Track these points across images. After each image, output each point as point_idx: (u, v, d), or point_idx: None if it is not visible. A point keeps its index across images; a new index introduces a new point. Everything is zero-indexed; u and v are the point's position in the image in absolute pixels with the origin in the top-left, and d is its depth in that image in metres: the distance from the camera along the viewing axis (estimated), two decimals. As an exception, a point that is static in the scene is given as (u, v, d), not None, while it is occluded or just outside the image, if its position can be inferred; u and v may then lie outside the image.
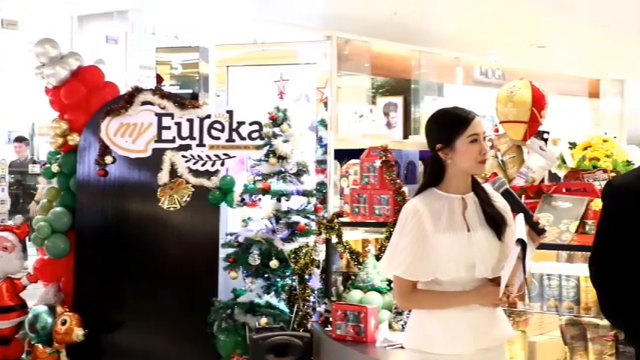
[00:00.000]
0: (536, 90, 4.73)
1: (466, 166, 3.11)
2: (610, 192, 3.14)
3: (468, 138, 3.08)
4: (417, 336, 3.17)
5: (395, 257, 3.14)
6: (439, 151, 3.13)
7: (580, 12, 9.69)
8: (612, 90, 16.26)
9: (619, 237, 3.03)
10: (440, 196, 3.15)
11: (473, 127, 3.09)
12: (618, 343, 4.09)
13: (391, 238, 3.22)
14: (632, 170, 3.14)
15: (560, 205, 4.33)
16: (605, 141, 4.86)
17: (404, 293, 3.16)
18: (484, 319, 3.11)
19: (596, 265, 3.11)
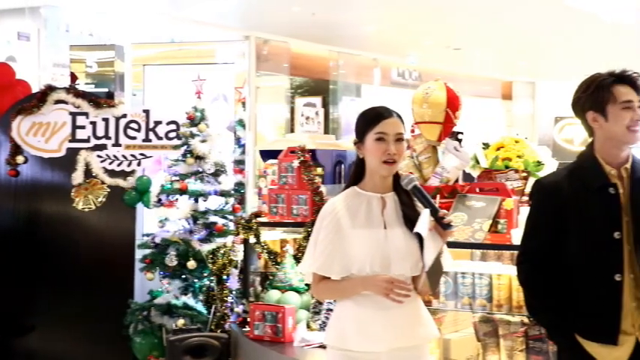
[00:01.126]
0: (450, 91, 4.81)
1: (372, 164, 3.13)
2: (538, 190, 3.22)
3: (375, 135, 3.10)
4: (336, 333, 3.19)
5: (313, 254, 3.16)
6: (355, 145, 3.17)
7: (493, 15, 9.90)
8: (524, 92, 16.67)
9: (546, 234, 3.12)
10: (359, 194, 3.18)
11: (381, 126, 3.11)
12: (528, 339, 4.20)
13: (311, 236, 3.24)
14: (560, 169, 3.23)
15: (473, 205, 4.40)
16: (517, 142, 4.96)
17: (313, 283, 3.23)
18: (404, 319, 3.13)
19: (523, 262, 3.20)
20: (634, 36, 11.35)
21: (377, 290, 3.05)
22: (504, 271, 4.32)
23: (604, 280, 3.03)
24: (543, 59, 13.63)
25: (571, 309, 3.08)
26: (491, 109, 16.15)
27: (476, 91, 15.14)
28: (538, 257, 3.15)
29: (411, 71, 14.29)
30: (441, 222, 3.11)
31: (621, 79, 3.08)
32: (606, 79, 3.08)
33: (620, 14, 9.73)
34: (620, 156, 3.10)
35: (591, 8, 9.34)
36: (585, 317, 3.05)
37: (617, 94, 3.06)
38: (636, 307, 3.04)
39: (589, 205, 3.05)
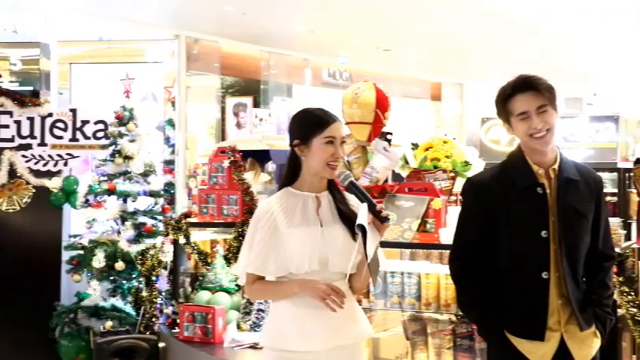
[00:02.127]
0: (380, 92, 4.84)
1: (316, 166, 3.15)
2: (468, 189, 3.27)
3: (324, 139, 3.13)
4: (273, 334, 3.19)
5: (248, 255, 3.15)
6: (296, 147, 3.17)
7: (422, 17, 10.02)
8: (453, 93, 16.91)
9: (476, 232, 3.18)
10: (294, 194, 3.18)
11: (331, 130, 3.14)
12: (456, 337, 4.26)
13: (245, 237, 3.23)
14: (491, 168, 3.27)
15: (402, 205, 4.44)
16: (446, 142, 5.02)
17: (247, 283, 3.22)
18: (341, 317, 3.14)
19: (455, 259, 3.25)
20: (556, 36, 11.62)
21: (314, 294, 3.06)
22: (433, 270, 4.37)
23: (531, 277, 3.10)
24: (471, 61, 13.84)
25: (500, 305, 3.14)
26: (421, 109, 16.35)
27: (405, 91, 15.30)
28: (468, 254, 3.21)
29: (342, 72, 14.36)
30: (379, 215, 3.14)
31: (522, 88, 3.14)
32: (506, 91, 3.17)
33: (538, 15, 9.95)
34: (546, 157, 3.17)
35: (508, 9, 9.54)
36: (513, 314, 3.12)
37: (512, 108, 3.14)
38: (562, 305, 3.11)
39: (517, 204, 3.11)
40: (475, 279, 3.18)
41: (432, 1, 9.22)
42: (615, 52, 12.82)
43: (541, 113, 3.10)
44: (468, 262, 3.20)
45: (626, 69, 14.60)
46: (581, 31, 11.05)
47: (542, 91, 3.11)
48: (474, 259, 3.19)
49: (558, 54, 12.47)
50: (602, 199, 3.25)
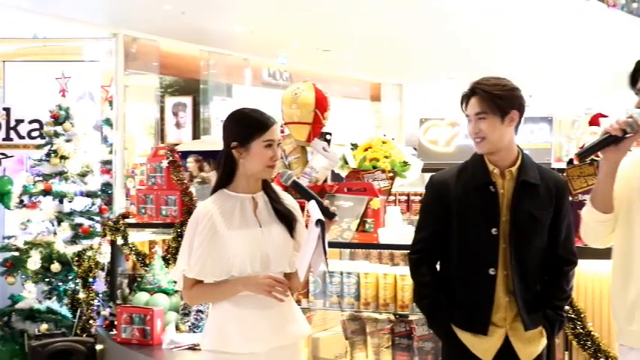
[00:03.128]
0: (319, 92, 4.84)
1: (255, 169, 3.14)
2: (428, 186, 3.32)
3: (264, 142, 3.12)
4: (214, 336, 3.16)
5: (188, 260, 3.12)
6: (233, 149, 3.15)
7: (361, 18, 10.07)
8: (392, 93, 17.05)
9: (433, 228, 3.23)
10: (231, 196, 3.17)
11: (270, 133, 3.14)
12: (394, 336, 4.29)
13: (183, 241, 3.19)
14: (451, 167, 3.30)
15: (342, 205, 4.45)
16: (385, 142, 5.05)
17: (185, 288, 3.18)
18: (281, 317, 3.15)
19: (413, 253, 3.29)
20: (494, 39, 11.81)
21: (258, 289, 3.05)
22: (372, 269, 4.39)
23: (479, 273, 3.15)
24: (410, 62, 13.98)
25: (449, 299, 3.19)
26: (360, 110, 16.44)
27: (345, 92, 15.38)
28: (425, 248, 3.26)
29: (282, 72, 14.37)
30: (327, 212, 3.15)
31: (472, 92, 3.19)
32: (464, 92, 3.21)
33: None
34: (503, 158, 3.20)
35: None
36: (460, 308, 3.17)
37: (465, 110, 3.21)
38: (509, 302, 3.16)
39: (471, 202, 3.16)
40: (428, 272, 3.24)
41: (372, 3, 9.28)
42: (550, 55, 13.10)
43: (479, 120, 3.15)
44: (424, 255, 3.25)
45: (561, 71, 14.92)
46: (518, 33, 11.27)
47: (483, 98, 3.15)
48: (430, 254, 3.25)
49: (496, 56, 12.69)
50: (565, 204, 3.25)
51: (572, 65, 14.26)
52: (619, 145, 2.88)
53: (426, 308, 3.27)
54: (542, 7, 9.69)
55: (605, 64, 13.79)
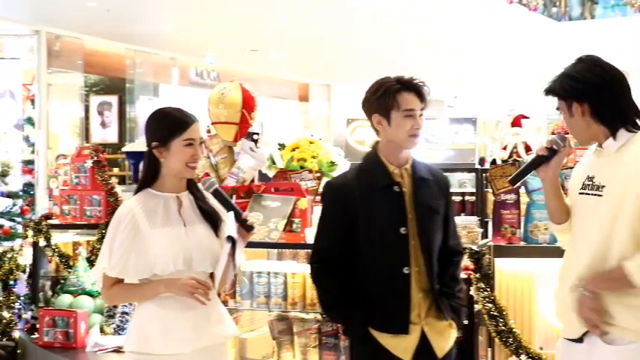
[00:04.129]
0: (246, 92, 4.83)
1: (177, 168, 3.13)
2: (328, 191, 3.32)
3: (184, 141, 3.10)
4: (137, 337, 3.12)
5: (110, 258, 3.08)
6: (154, 148, 3.12)
7: (289, 18, 10.09)
8: (320, 94, 17.11)
9: (338, 233, 3.22)
10: (155, 195, 3.14)
11: (190, 132, 3.12)
12: (321, 335, 4.31)
13: (105, 240, 3.15)
14: (349, 170, 3.34)
15: (269, 205, 4.46)
16: (312, 143, 5.07)
17: (104, 287, 3.14)
18: (206, 318, 3.13)
19: (317, 262, 3.27)
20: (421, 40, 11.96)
21: (181, 291, 3.02)
22: (299, 269, 4.40)
23: (394, 273, 3.18)
24: (338, 62, 14.06)
25: (364, 303, 3.19)
26: (289, 110, 16.45)
27: (273, 92, 15.37)
28: (330, 255, 3.24)
29: (210, 71, 14.28)
30: (245, 224, 3.16)
31: (407, 87, 3.24)
32: (393, 86, 3.23)
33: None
34: (400, 157, 3.27)
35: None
36: (378, 310, 3.18)
37: (400, 102, 3.21)
38: (422, 298, 3.22)
39: (376, 203, 3.19)
40: (337, 279, 3.22)
41: (299, 3, 9.30)
42: (475, 57, 13.33)
43: (420, 116, 3.22)
44: (330, 263, 3.23)
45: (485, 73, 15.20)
46: (444, 36, 11.43)
47: (424, 96, 3.23)
48: (335, 260, 3.23)
49: (423, 57, 12.85)
50: (450, 198, 3.45)
51: (496, 67, 14.54)
52: (550, 164, 3.00)
53: (341, 316, 3.27)
54: (467, 10, 9.86)
55: (527, 67, 14.11)
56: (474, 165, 5.69)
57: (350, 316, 3.21)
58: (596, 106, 2.87)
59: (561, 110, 2.96)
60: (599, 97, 2.87)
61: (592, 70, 2.88)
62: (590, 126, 2.89)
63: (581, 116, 2.89)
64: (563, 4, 11.27)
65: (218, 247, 3.14)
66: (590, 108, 2.87)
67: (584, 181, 2.95)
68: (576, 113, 2.89)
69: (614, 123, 2.86)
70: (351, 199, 3.19)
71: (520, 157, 5.24)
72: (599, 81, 2.86)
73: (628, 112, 2.88)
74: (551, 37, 11.72)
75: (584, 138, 2.96)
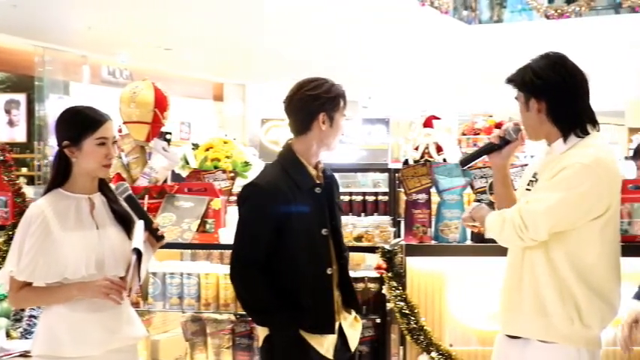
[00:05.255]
0: (158, 91, 4.77)
1: (90, 168, 3.07)
2: (255, 193, 3.24)
3: (97, 140, 3.05)
4: (46, 341, 3.05)
5: (18, 262, 3.00)
6: (65, 148, 3.06)
7: (203, 17, 10.02)
8: (235, 94, 17.02)
9: (267, 236, 3.19)
10: (66, 196, 3.08)
11: (103, 130, 3.07)
12: (235, 336, 4.30)
13: (13, 242, 3.07)
14: (269, 172, 3.29)
15: (182, 205, 4.42)
16: (226, 143, 5.05)
17: (12, 290, 3.07)
18: (116, 320, 3.09)
19: (243, 267, 3.22)
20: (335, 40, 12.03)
21: (95, 293, 2.98)
22: (212, 270, 4.38)
23: (319, 275, 3.23)
24: (253, 62, 14.01)
25: (293, 306, 3.19)
26: (203, 109, 16.32)
27: (188, 91, 15.22)
28: (258, 259, 3.20)
29: (123, 70, 14.05)
30: (156, 234, 3.14)
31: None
32: (341, 88, 3.28)
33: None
34: (317, 159, 3.30)
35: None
36: (306, 312, 3.19)
37: (343, 105, 3.28)
38: (339, 296, 3.31)
39: (302, 205, 3.20)
40: (266, 284, 3.20)
41: (214, 2, 9.24)
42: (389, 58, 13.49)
43: None
44: (258, 266, 3.20)
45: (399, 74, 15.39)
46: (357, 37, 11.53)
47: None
48: (263, 264, 3.20)
49: (336, 58, 12.93)
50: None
51: (410, 68, 14.74)
52: (502, 152, 3.08)
53: (270, 321, 3.22)
54: (378, 11, 9.96)
55: (439, 68, 14.35)
56: (387, 165, 5.76)
57: (281, 320, 3.20)
58: (553, 106, 2.90)
59: (518, 102, 3.00)
60: (558, 97, 2.90)
61: (556, 68, 2.91)
62: (544, 124, 2.94)
63: (537, 113, 2.93)
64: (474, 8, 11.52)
65: (130, 250, 3.10)
66: (547, 106, 2.91)
67: (531, 177, 3.04)
68: (532, 109, 2.93)
69: (568, 125, 2.91)
70: (282, 201, 3.17)
71: (432, 157, 5.33)
72: (560, 81, 2.89)
73: (582, 117, 2.93)
74: (461, 40, 11.95)
75: (535, 134, 3.01)
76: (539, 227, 2.81)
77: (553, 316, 2.86)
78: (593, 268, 2.86)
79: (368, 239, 4.16)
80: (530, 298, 2.90)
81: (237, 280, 3.26)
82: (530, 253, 2.90)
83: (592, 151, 2.85)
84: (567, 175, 2.79)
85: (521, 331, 2.96)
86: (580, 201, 2.80)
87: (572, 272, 2.84)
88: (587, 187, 2.79)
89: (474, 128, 5.37)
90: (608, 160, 2.87)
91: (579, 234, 2.84)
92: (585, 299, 2.85)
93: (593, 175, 2.80)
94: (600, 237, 2.87)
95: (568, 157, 2.85)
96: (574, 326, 2.85)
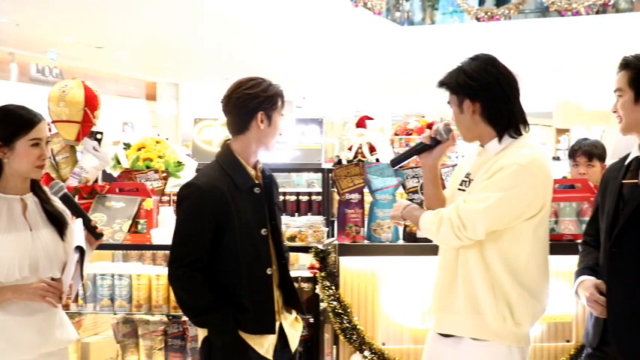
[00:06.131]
0: (88, 90, 4.70)
1: (23, 169, 3.02)
2: (194, 193, 3.19)
3: (30, 141, 3.00)
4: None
5: None
6: None
7: (135, 16, 9.91)
8: (168, 93, 16.88)
9: (205, 236, 3.15)
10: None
11: (37, 131, 3.02)
12: (167, 337, 4.27)
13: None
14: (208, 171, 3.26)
15: (113, 205, 4.36)
16: (158, 142, 5.00)
17: None
18: (48, 323, 3.05)
19: (181, 267, 3.17)
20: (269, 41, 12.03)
21: (31, 296, 2.93)
22: (144, 271, 4.34)
23: (259, 275, 3.21)
24: (186, 61, 13.93)
25: (233, 306, 3.18)
26: (136, 109, 16.15)
27: (120, 90, 15.04)
28: (198, 259, 3.16)
29: (52, 68, 13.81)
30: (94, 232, 3.12)
31: None
32: (279, 87, 3.28)
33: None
34: (256, 158, 3.30)
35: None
36: (247, 312, 3.17)
37: (281, 104, 3.29)
38: (279, 296, 3.31)
39: (242, 205, 3.18)
40: (205, 284, 3.17)
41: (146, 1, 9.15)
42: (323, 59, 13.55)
43: None
44: (197, 267, 3.16)
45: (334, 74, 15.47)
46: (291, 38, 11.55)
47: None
48: (202, 264, 3.17)
49: (271, 58, 12.93)
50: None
51: (344, 69, 14.82)
52: (433, 153, 3.09)
53: (212, 320, 3.18)
54: (312, 11, 9.99)
55: (373, 69, 14.47)
56: (321, 165, 5.77)
57: (219, 320, 3.17)
58: (488, 107, 2.93)
59: (451, 104, 3.01)
60: (492, 98, 2.93)
61: (488, 70, 2.94)
62: (478, 125, 2.96)
63: (471, 114, 2.95)
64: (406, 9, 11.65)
65: (64, 251, 3.06)
66: (481, 107, 2.93)
67: (463, 177, 3.07)
68: (467, 111, 2.96)
69: (502, 126, 2.94)
70: (221, 201, 3.14)
71: (365, 157, 5.36)
72: (494, 82, 2.92)
73: (516, 117, 2.96)
74: (394, 41, 12.07)
75: (470, 136, 3.03)
76: (477, 227, 2.85)
77: (486, 314, 2.90)
78: (526, 266, 2.91)
79: (301, 239, 4.16)
80: (464, 296, 2.94)
81: (175, 281, 3.23)
82: (465, 251, 2.94)
83: (528, 151, 2.90)
84: (505, 175, 2.83)
85: (454, 329, 3.00)
86: (518, 200, 2.85)
87: (505, 271, 2.88)
88: (525, 187, 2.84)
89: (407, 129, 5.41)
90: (543, 160, 2.92)
91: (513, 233, 2.89)
92: (517, 297, 2.90)
93: (529, 175, 2.85)
94: (533, 236, 2.93)
95: (504, 157, 2.89)
96: (506, 324, 2.89)
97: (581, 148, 4.88)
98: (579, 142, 4.98)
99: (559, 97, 17.04)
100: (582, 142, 4.95)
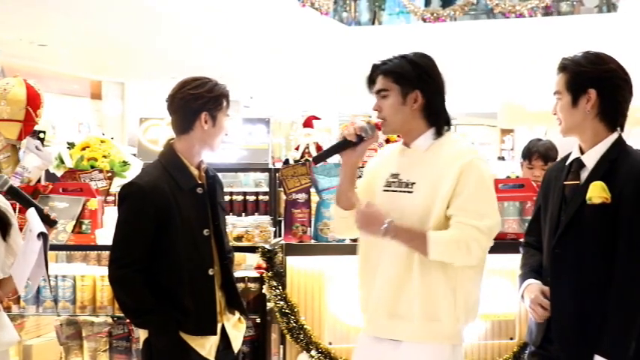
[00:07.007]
0: (31, 89, 4.64)
1: None
2: (136, 192, 3.16)
3: None
4: None
5: None
6: None
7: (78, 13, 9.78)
8: (114, 92, 16.67)
9: (147, 237, 3.12)
10: None
11: None
12: (112, 339, 4.23)
13: None
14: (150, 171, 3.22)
15: (57, 206, 4.31)
16: (103, 142, 4.95)
17: None
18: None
19: (122, 267, 3.13)
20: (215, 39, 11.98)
21: None
22: (88, 271, 4.30)
23: (200, 276, 3.19)
24: (132, 59, 13.78)
25: (174, 307, 3.15)
26: (80, 108, 15.91)
27: (64, 89, 14.81)
28: (139, 260, 3.13)
29: (-7, 66, 13.53)
30: (49, 219, 3.08)
31: None
32: (225, 88, 3.25)
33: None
34: (200, 158, 3.28)
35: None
36: (188, 313, 3.15)
37: (226, 105, 3.26)
38: (221, 296, 3.29)
39: (184, 205, 3.16)
40: (145, 284, 3.13)
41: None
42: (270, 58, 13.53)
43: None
44: (139, 267, 3.13)
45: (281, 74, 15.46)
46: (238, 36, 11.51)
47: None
48: (144, 265, 3.14)
49: (218, 56, 12.87)
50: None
51: (291, 69, 14.82)
52: (355, 150, 3.00)
53: (154, 321, 3.14)
54: (259, 11, 9.98)
55: (320, 69, 14.50)
56: (268, 165, 5.77)
57: (159, 322, 3.14)
58: (429, 100, 2.91)
59: (390, 93, 2.94)
60: (434, 92, 2.93)
61: (429, 63, 2.95)
62: (415, 118, 2.93)
63: (412, 104, 2.91)
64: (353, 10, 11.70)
65: (7, 252, 3.02)
66: (423, 100, 2.91)
67: (388, 178, 3.00)
68: (409, 102, 2.92)
69: (438, 122, 2.94)
70: (163, 200, 3.12)
71: (312, 157, 5.37)
72: (435, 75, 2.94)
73: (447, 116, 2.97)
74: (341, 41, 12.12)
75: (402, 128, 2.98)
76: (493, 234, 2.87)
77: (442, 320, 2.85)
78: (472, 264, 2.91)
79: (248, 239, 4.16)
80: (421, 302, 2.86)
81: (115, 282, 3.19)
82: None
83: (466, 145, 2.95)
84: (477, 175, 2.83)
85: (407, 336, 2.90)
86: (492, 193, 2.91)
87: (457, 271, 2.85)
88: (489, 178, 2.90)
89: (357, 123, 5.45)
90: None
91: None
92: (477, 293, 2.92)
93: (486, 163, 2.91)
94: None
95: (451, 156, 2.87)
96: (458, 325, 2.87)
97: (538, 150, 4.85)
98: (534, 143, 4.94)
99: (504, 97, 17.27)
100: (537, 143, 4.91)
